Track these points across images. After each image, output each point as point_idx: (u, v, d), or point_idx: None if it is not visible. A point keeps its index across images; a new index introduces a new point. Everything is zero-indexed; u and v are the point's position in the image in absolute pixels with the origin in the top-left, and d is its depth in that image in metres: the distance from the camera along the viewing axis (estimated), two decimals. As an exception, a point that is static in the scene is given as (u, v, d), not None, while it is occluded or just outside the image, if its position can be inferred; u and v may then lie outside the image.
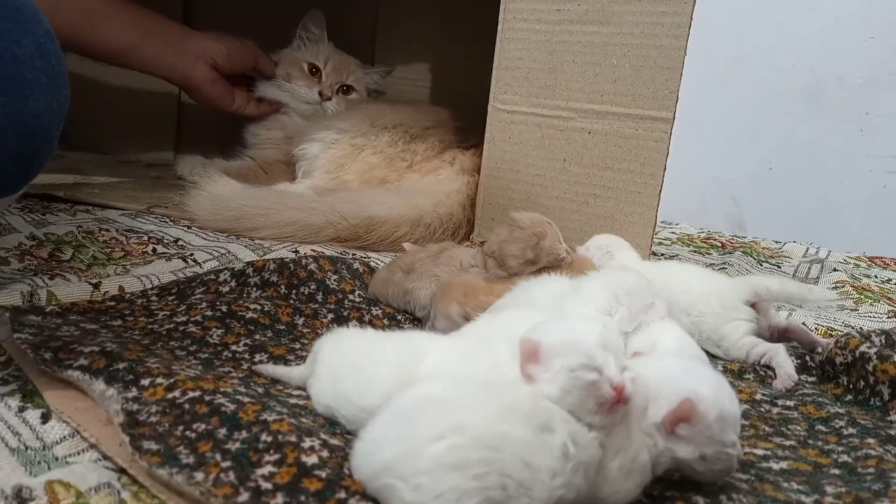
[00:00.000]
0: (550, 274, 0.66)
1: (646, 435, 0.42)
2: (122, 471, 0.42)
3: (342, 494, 0.38)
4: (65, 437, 0.46)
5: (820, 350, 0.69)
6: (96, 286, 0.68)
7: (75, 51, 1.12)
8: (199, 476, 0.39)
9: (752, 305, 0.70)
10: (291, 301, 0.71)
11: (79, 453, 0.44)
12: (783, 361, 0.66)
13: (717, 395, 0.43)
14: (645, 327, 0.58)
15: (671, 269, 0.76)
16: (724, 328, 0.69)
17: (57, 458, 0.44)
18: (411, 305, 0.71)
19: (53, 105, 0.60)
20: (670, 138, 0.88)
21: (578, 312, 0.56)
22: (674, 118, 0.88)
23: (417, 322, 0.72)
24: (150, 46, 1.10)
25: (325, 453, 0.41)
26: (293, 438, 0.42)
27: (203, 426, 0.44)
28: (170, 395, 0.46)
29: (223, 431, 0.43)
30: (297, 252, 0.89)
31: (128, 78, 1.34)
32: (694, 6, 0.85)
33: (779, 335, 0.72)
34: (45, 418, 0.47)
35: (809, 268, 1.20)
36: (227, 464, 0.40)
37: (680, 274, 0.73)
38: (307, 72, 1.24)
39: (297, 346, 0.62)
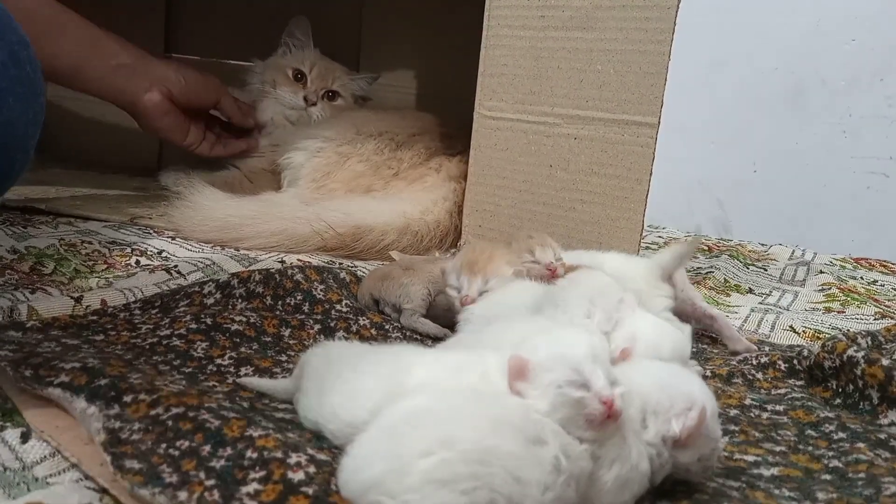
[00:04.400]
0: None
1: (649, 446, 0.41)
2: (103, 491, 0.41)
3: (329, 511, 0.38)
4: (45, 456, 0.44)
5: (806, 353, 0.70)
6: (78, 300, 0.67)
7: None
8: (183, 495, 0.38)
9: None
10: (277, 312, 0.70)
11: (59, 473, 0.43)
12: None
13: (707, 394, 0.44)
14: (621, 322, 0.59)
15: (600, 256, 0.79)
16: (647, 304, 0.72)
17: (37, 479, 0.43)
18: (402, 298, 0.73)
19: (28, 114, 0.58)
20: (656, 143, 0.88)
21: (560, 320, 0.56)
22: (659, 123, 0.88)
23: (405, 331, 0.71)
24: (97, 67, 1.01)
25: (311, 469, 0.41)
26: (279, 454, 0.41)
27: (187, 443, 0.43)
28: (153, 412, 0.45)
29: (207, 448, 0.42)
30: (283, 262, 0.88)
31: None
32: (677, 12, 0.85)
33: (704, 320, 0.77)
34: (25, 438, 0.46)
35: (795, 270, 1.20)
36: (211, 482, 0.39)
37: (609, 259, 0.77)
38: (292, 78, 1.24)
39: (284, 358, 0.62)
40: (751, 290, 1.03)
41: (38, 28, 0.92)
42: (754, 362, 0.70)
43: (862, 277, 1.19)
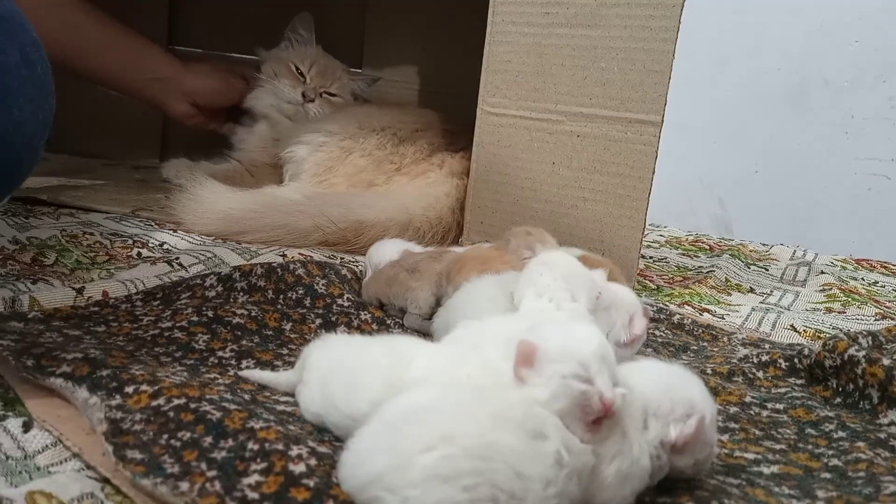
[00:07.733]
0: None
1: (649, 446, 0.42)
2: (105, 480, 0.41)
3: (330, 504, 0.38)
4: (47, 446, 0.45)
5: (807, 352, 0.70)
6: (80, 291, 0.67)
7: (68, 73, 1.14)
8: (184, 486, 0.38)
9: None
10: (279, 306, 0.70)
11: (61, 463, 0.43)
12: None
13: (707, 399, 0.44)
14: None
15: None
16: None
17: (39, 468, 0.43)
18: (410, 303, 0.72)
19: (38, 114, 0.58)
20: (659, 141, 0.88)
21: (540, 306, 0.55)
22: (662, 121, 0.88)
23: (407, 326, 0.72)
24: (135, 79, 1.17)
25: (312, 461, 0.41)
26: (280, 447, 0.41)
27: (188, 434, 0.43)
28: (154, 403, 0.46)
29: (209, 440, 0.42)
30: (284, 256, 0.88)
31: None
32: (682, 10, 0.85)
33: None
34: (27, 427, 0.46)
35: (797, 270, 1.20)
36: (212, 473, 0.40)
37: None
38: (293, 72, 1.24)
39: (285, 351, 0.62)
40: (752, 290, 1.03)
41: (88, 44, 1.09)
42: (755, 360, 0.70)
43: (863, 278, 1.19)
